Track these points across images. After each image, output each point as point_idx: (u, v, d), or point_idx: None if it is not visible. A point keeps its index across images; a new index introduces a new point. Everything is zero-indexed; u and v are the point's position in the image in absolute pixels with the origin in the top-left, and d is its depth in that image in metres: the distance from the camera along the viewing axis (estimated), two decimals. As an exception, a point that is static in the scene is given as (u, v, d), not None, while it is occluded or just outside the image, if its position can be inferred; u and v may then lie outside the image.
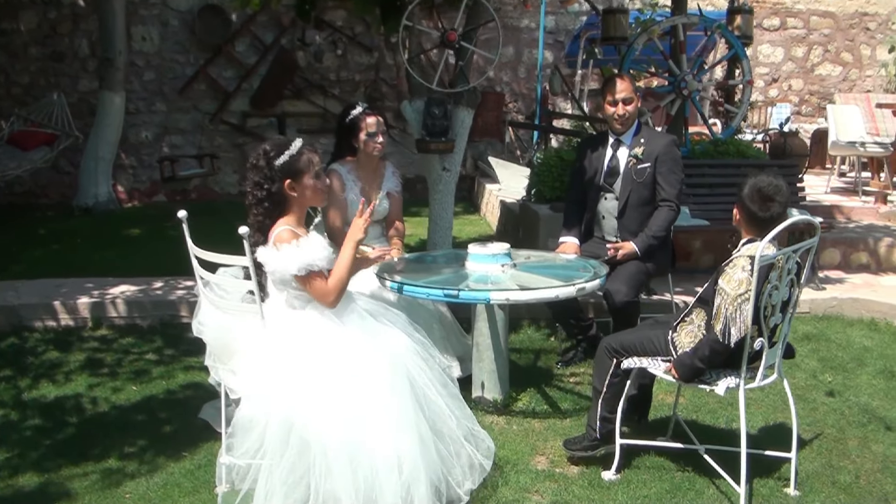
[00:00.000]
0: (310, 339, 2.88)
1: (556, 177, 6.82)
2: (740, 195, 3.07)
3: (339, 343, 2.89)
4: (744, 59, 6.89)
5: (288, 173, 3.01)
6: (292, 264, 2.86)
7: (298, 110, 11.02)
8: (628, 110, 4.52)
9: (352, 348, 2.88)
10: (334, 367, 2.83)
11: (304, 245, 2.89)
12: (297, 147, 3.04)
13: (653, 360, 3.24)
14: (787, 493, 3.31)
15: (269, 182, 2.97)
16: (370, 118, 4.38)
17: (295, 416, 2.73)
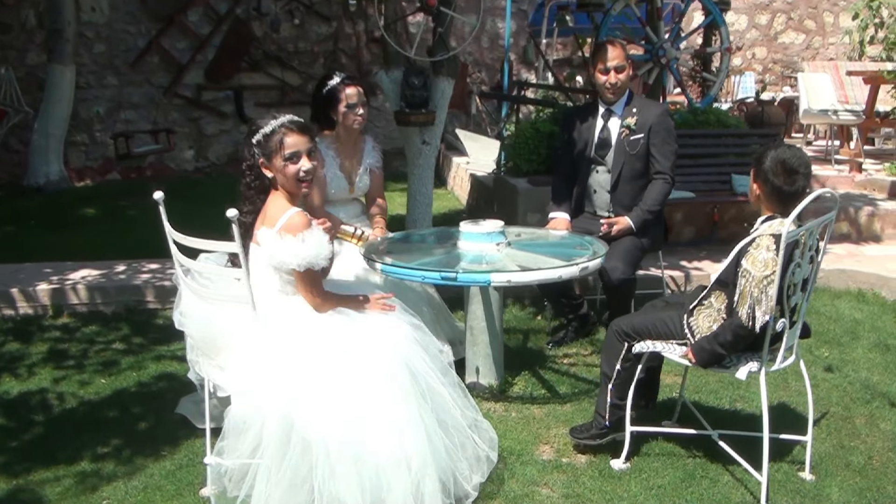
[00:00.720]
0: (306, 329, 2.65)
1: (533, 149, 6.61)
2: (759, 169, 2.89)
3: (337, 333, 2.66)
4: (722, 26, 6.75)
5: (261, 152, 2.82)
6: (293, 259, 2.66)
7: (256, 83, 10.63)
8: (620, 78, 4.32)
9: (350, 338, 2.66)
10: (333, 359, 2.61)
11: (309, 240, 2.68)
12: (272, 126, 2.82)
13: (667, 343, 3.07)
14: (802, 478, 3.19)
15: (250, 157, 2.84)
16: (350, 88, 4.10)
17: (295, 413, 2.51)
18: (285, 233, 2.70)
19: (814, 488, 3.13)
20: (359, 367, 2.61)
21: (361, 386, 2.60)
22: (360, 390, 2.60)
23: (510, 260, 3.57)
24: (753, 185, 2.95)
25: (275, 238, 2.69)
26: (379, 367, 2.65)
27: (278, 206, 2.80)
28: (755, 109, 7.15)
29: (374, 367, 2.63)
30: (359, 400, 2.59)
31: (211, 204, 8.31)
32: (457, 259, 3.61)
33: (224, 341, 2.63)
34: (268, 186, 2.86)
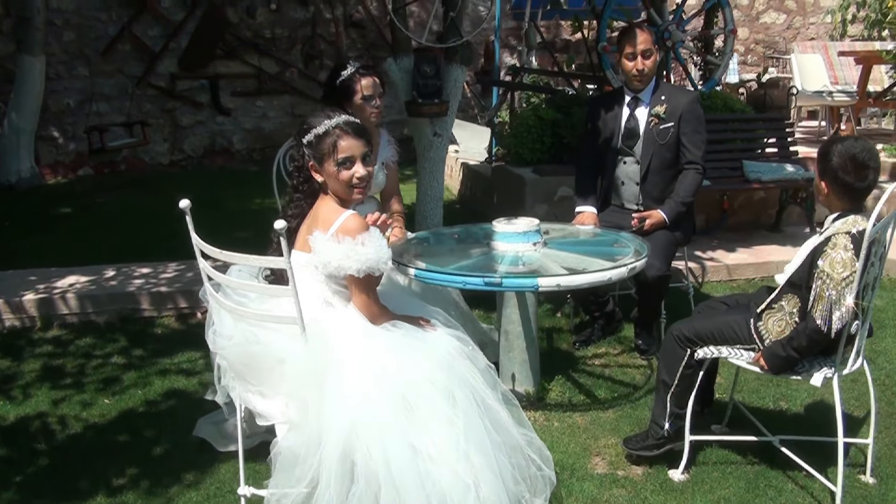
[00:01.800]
0: (358, 349, 2.39)
1: (536, 137, 6.37)
2: (826, 166, 2.69)
3: (391, 352, 2.41)
4: (726, 7, 6.57)
5: (312, 154, 2.58)
6: (353, 263, 2.43)
7: (232, 71, 10.24)
8: (647, 65, 4.10)
9: (405, 357, 2.41)
10: (390, 380, 2.36)
11: (369, 243, 2.46)
12: (325, 127, 2.56)
13: (733, 348, 2.87)
14: (865, 482, 3.04)
15: (299, 158, 2.63)
16: (366, 79, 3.83)
17: (356, 441, 2.25)
18: (343, 235, 2.46)
19: (879, 493, 2.98)
20: (416, 385, 2.37)
21: (421, 405, 2.36)
22: (421, 410, 2.36)
23: (550, 261, 3.34)
24: (821, 184, 2.74)
25: (331, 242, 2.45)
26: (437, 385, 2.41)
27: (330, 209, 2.56)
28: (757, 93, 6.99)
29: (431, 385, 2.39)
30: (420, 420, 2.35)
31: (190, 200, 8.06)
32: (494, 261, 3.38)
33: (268, 365, 2.37)
34: (317, 190, 2.62)
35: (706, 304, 3.25)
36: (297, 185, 2.64)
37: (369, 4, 10.68)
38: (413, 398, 2.33)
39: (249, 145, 10.51)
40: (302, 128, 2.60)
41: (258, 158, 10.44)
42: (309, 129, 2.56)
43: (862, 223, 2.65)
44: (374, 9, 10.72)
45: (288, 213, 2.64)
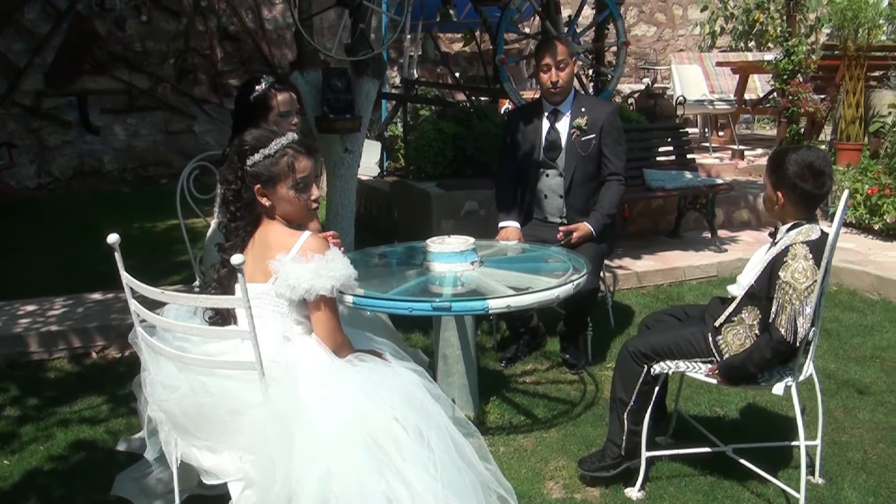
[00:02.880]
0: (326, 390, 2.17)
1: (438, 151, 6.28)
2: (783, 176, 2.69)
3: (361, 391, 2.21)
4: (618, 20, 6.67)
5: (259, 178, 2.32)
6: (325, 281, 2.23)
7: (101, 87, 9.58)
8: (562, 77, 4.07)
9: (375, 397, 2.21)
10: (363, 424, 2.15)
11: (338, 259, 2.28)
12: (277, 146, 2.32)
13: (690, 362, 2.84)
14: (815, 483, 3.08)
15: (237, 182, 2.34)
16: (282, 94, 3.59)
17: (330, 497, 2.03)
18: (312, 253, 2.24)
19: (830, 493, 3.03)
20: (391, 430, 2.18)
21: (397, 452, 2.17)
22: (396, 457, 2.16)
23: (492, 280, 3.22)
24: (776, 194, 2.74)
25: (298, 262, 2.22)
26: (410, 428, 2.22)
27: (282, 233, 2.34)
28: (647, 103, 7.16)
29: (406, 429, 2.21)
30: (396, 469, 2.15)
31: (61, 227, 7.47)
32: (434, 284, 3.22)
33: (220, 418, 2.11)
34: (259, 216, 2.36)
35: (653, 317, 3.21)
36: (236, 213, 2.37)
37: (244, 17, 10.29)
38: (386, 442, 2.13)
39: (121, 165, 9.87)
40: (241, 148, 2.34)
41: (130, 179, 9.84)
42: (254, 149, 2.32)
43: (816, 231, 2.67)
44: (249, 21, 10.33)
45: (226, 245, 2.38)
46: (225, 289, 2.29)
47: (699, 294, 5.35)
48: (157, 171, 9.90)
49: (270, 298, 2.26)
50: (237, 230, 2.34)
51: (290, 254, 2.24)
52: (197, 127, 10.04)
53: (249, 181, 2.32)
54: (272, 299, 2.26)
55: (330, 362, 2.25)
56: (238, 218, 2.35)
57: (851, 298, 5.20)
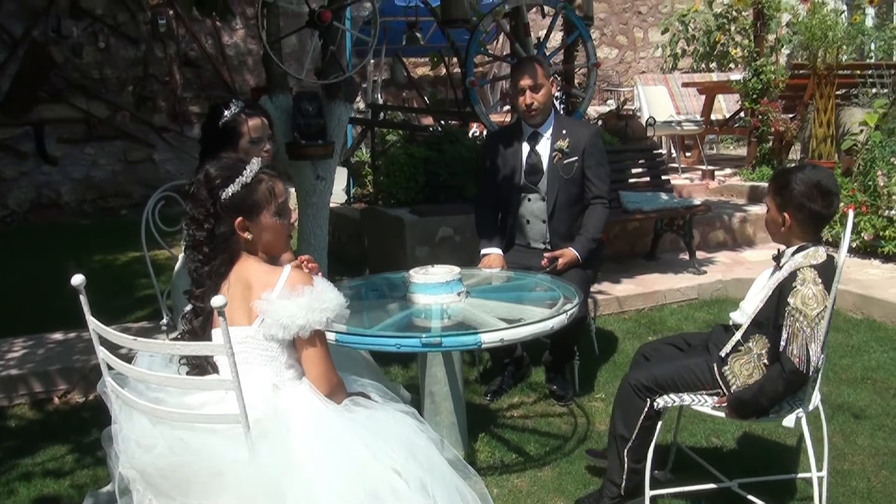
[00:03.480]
0: (321, 441, 1.97)
1: (410, 176, 6.13)
2: (788, 196, 2.58)
3: (358, 441, 2.01)
4: (588, 41, 6.62)
5: (239, 209, 2.12)
6: (320, 315, 2.05)
7: (58, 115, 9.33)
8: (537, 98, 3.95)
9: (373, 446, 2.03)
10: (362, 478, 1.96)
11: (327, 289, 2.10)
12: (252, 172, 2.13)
13: (695, 395, 2.70)
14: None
15: (211, 220, 2.12)
16: (253, 119, 3.39)
17: None
18: (301, 286, 2.06)
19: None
20: (392, 483, 1.99)
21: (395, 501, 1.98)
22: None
23: (480, 312, 3.06)
24: (783, 216, 2.63)
25: (288, 298, 2.04)
26: (412, 480, 2.04)
27: (263, 270, 2.14)
28: (618, 124, 7.10)
29: (407, 482, 2.02)
30: None
31: (19, 263, 7.15)
32: (419, 317, 3.05)
33: (200, 477, 1.90)
34: (235, 254, 2.16)
35: (651, 347, 3.07)
36: (210, 255, 2.14)
37: (204, 42, 10.09)
38: (387, 497, 1.95)
39: (80, 197, 9.58)
40: (212, 183, 2.12)
41: (90, 211, 9.54)
42: (228, 179, 2.12)
43: (823, 253, 2.57)
44: (209, 47, 10.14)
45: (196, 292, 2.17)
46: (200, 339, 2.09)
47: (681, 318, 5.25)
48: (117, 201, 9.61)
49: (257, 342, 2.06)
50: (211, 274, 2.14)
51: (276, 290, 2.05)
52: (157, 156, 9.79)
53: (227, 215, 2.12)
54: (259, 343, 2.06)
55: (324, 410, 2.06)
56: (211, 259, 2.14)
57: (835, 318, 5.08)
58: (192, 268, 2.13)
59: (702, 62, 12.19)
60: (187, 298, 2.18)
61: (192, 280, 2.15)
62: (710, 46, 12.37)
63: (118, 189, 9.60)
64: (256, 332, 2.05)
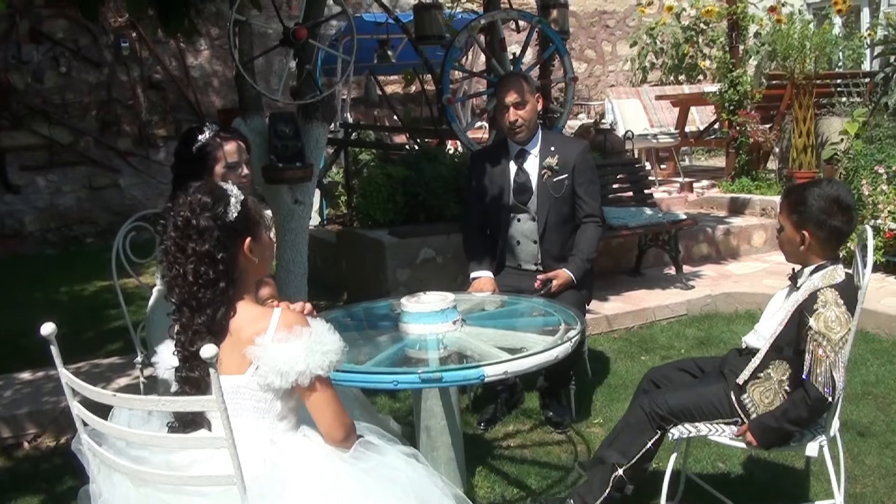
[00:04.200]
0: (322, 499, 1.79)
1: (388, 197, 5.95)
2: (808, 214, 2.45)
3: (366, 494, 1.83)
4: (564, 56, 6.52)
5: (247, 229, 1.98)
6: (322, 358, 1.87)
7: (19, 143, 9.07)
8: (521, 115, 3.82)
9: (382, 500, 1.85)
10: None
11: (323, 329, 1.93)
12: (236, 193, 1.97)
13: (712, 424, 2.55)
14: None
15: (222, 249, 1.91)
16: (229, 144, 3.22)
17: None
18: (298, 328, 1.88)
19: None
20: None
21: None
22: None
23: (478, 341, 2.89)
24: (801, 234, 2.49)
25: (286, 343, 1.85)
26: None
27: (253, 313, 1.95)
28: (597, 139, 7.01)
29: None
30: None
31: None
32: (413, 348, 2.87)
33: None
34: (235, 292, 1.97)
35: (660, 373, 2.91)
36: (224, 289, 1.91)
37: (168, 64, 9.87)
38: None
39: (43, 225, 9.28)
40: (215, 209, 1.91)
41: (54, 240, 9.24)
42: (223, 202, 1.92)
43: (841, 272, 2.45)
44: (173, 69, 9.92)
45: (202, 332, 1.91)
46: (201, 390, 1.90)
47: (672, 335, 5.13)
48: (83, 229, 9.32)
49: (251, 392, 1.87)
50: (220, 307, 1.90)
51: (269, 334, 1.87)
52: (122, 181, 9.53)
53: (234, 239, 1.93)
54: (253, 393, 1.87)
55: (327, 464, 1.87)
56: (224, 294, 1.91)
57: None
58: (204, 319, 1.89)
59: (670, 74, 12.23)
60: (179, 350, 1.95)
61: (186, 334, 1.92)
62: (679, 59, 12.42)
63: (83, 216, 9.32)
64: (250, 382, 1.86)
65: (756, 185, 7.29)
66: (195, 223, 1.87)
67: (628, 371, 4.55)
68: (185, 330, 1.89)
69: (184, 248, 1.87)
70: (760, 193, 7.11)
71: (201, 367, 1.85)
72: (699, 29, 12.09)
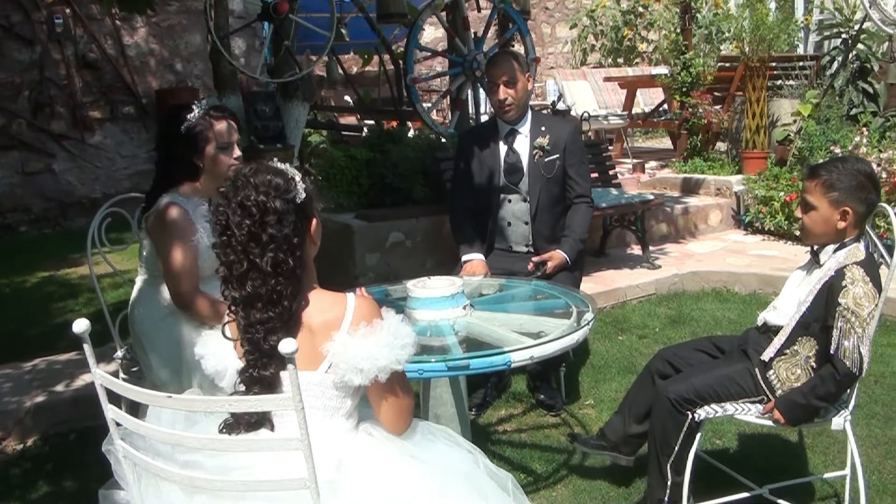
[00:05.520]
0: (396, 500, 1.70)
1: (352, 180, 5.81)
2: (846, 191, 2.45)
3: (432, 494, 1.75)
4: (526, 36, 6.50)
5: (312, 212, 1.87)
6: (401, 352, 1.76)
7: (-56, 127, 8.50)
8: (511, 94, 3.77)
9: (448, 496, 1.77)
10: None
11: (396, 320, 1.82)
12: (293, 170, 1.84)
13: (737, 403, 2.56)
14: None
15: (298, 233, 1.79)
16: (220, 123, 3.03)
17: None
18: (376, 320, 1.78)
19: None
20: None
21: None
22: None
23: (494, 326, 2.82)
24: (840, 212, 2.47)
25: (364, 336, 1.74)
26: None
27: (322, 299, 1.82)
28: (555, 119, 6.99)
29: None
30: None
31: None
32: (424, 335, 2.78)
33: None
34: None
35: (673, 354, 2.87)
36: (300, 277, 1.78)
37: (104, 42, 9.41)
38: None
39: (-27, 214, 8.77)
40: (288, 193, 1.77)
41: (-15, 229, 8.74)
42: (293, 182, 1.80)
43: (862, 249, 2.47)
44: (109, 47, 9.46)
45: (276, 327, 1.76)
46: (272, 389, 1.76)
47: (644, 314, 5.17)
48: (16, 217, 8.84)
49: (321, 390, 1.74)
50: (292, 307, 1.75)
51: (344, 326, 1.76)
52: (57, 166, 9.06)
53: (304, 222, 1.81)
54: (323, 391, 1.74)
55: (398, 464, 1.77)
56: (297, 284, 1.77)
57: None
58: (279, 311, 1.75)
59: (609, 57, 12.35)
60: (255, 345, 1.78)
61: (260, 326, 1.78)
62: (618, 42, 12.56)
63: (16, 203, 8.83)
64: (323, 379, 1.74)
65: (709, 166, 7.42)
66: (273, 206, 1.73)
67: (608, 351, 4.56)
68: (256, 326, 1.74)
69: (258, 236, 1.71)
70: (713, 174, 7.24)
71: (275, 365, 1.72)
72: (638, 12, 12.24)
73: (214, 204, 1.82)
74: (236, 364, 1.83)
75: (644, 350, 4.55)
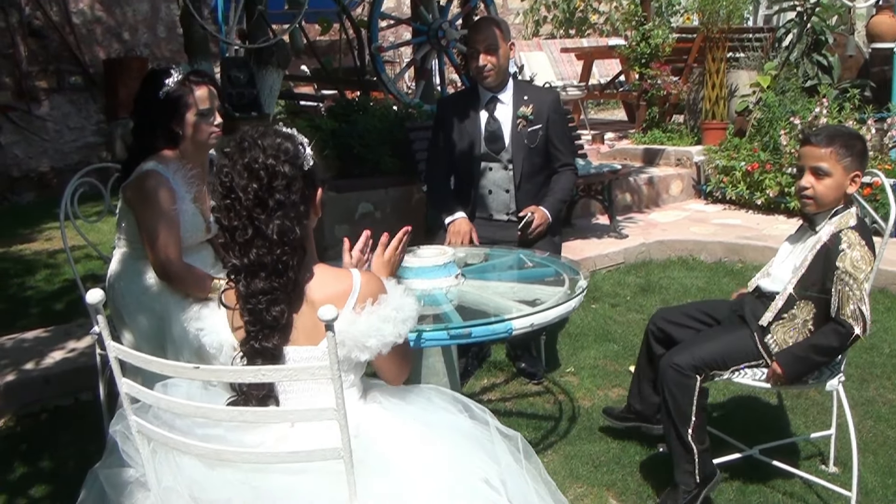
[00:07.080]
0: (414, 467, 1.67)
1: (316, 150, 5.69)
2: (860, 156, 2.50)
3: (444, 460, 1.73)
4: (490, 5, 6.44)
5: (320, 179, 1.84)
6: (402, 326, 1.73)
7: None
8: (491, 61, 3.73)
9: (459, 460, 1.76)
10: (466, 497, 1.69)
11: (398, 292, 1.79)
12: (301, 136, 1.79)
13: (742, 369, 2.59)
14: (833, 473, 2.98)
15: (304, 201, 1.75)
16: (201, 89, 2.93)
17: None
18: (379, 294, 1.75)
19: (849, 480, 2.91)
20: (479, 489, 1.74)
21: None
22: None
23: (490, 293, 2.81)
24: (850, 177, 2.51)
25: (367, 312, 1.71)
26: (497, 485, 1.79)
27: (327, 274, 1.77)
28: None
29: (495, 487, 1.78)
30: None
31: None
32: (422, 304, 2.75)
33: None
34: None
35: (666, 321, 2.88)
36: (304, 247, 1.74)
37: (49, 10, 9.02)
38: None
39: (-84, 190, 8.36)
40: (296, 158, 1.72)
41: (-70, 207, 8.35)
42: (301, 147, 1.74)
43: (853, 213, 2.52)
44: (54, 14, 9.08)
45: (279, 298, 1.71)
46: (276, 361, 1.71)
47: (614, 283, 5.22)
48: (-41, 192, 8.47)
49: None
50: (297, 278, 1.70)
51: (350, 303, 1.71)
52: (2, 139, 8.67)
53: (312, 190, 1.76)
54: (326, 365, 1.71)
55: (404, 430, 1.75)
56: (302, 253, 1.72)
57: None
58: (283, 281, 1.69)
59: (561, 28, 12.36)
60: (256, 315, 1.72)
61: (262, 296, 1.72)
62: (570, 13, 12.57)
63: (-36, 181, 8.46)
64: (325, 354, 1.70)
65: (668, 137, 7.49)
66: (283, 171, 1.65)
67: (583, 320, 4.59)
68: (258, 296, 1.68)
69: (265, 201, 1.65)
70: (673, 145, 7.32)
71: (278, 337, 1.67)
72: (590, -17, 12.27)
73: (218, 165, 1.75)
74: (231, 339, 1.77)
75: (618, 318, 4.60)
